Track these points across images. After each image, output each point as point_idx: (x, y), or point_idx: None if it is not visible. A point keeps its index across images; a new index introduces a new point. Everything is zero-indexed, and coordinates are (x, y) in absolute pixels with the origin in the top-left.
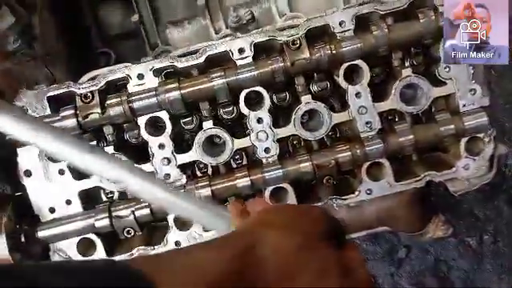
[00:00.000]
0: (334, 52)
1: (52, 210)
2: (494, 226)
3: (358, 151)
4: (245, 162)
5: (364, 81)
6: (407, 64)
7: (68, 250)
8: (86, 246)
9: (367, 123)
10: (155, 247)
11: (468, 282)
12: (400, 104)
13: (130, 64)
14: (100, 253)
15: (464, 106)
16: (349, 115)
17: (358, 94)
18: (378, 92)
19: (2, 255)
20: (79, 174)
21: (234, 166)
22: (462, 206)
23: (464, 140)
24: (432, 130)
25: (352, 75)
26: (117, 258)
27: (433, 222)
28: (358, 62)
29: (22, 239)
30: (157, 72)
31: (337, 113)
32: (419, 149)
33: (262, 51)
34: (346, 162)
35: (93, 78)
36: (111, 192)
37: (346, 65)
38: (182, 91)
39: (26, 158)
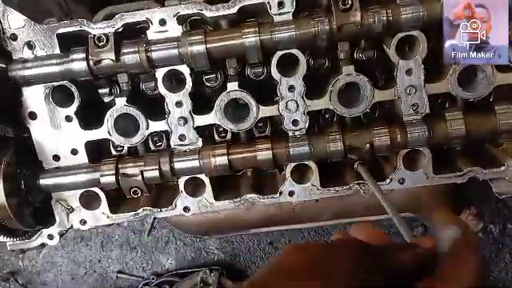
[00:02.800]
0: (390, 19)
1: (56, 158)
2: None
3: (399, 136)
4: (268, 133)
5: (419, 56)
6: None
7: (71, 201)
8: (89, 199)
9: (413, 105)
10: (162, 210)
11: (484, 270)
12: (456, 88)
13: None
14: (103, 208)
15: None
16: (394, 94)
17: (409, 71)
18: (429, 71)
19: None
20: (87, 124)
21: (257, 134)
22: (491, 188)
23: None
24: (489, 122)
25: (403, 48)
26: (121, 215)
27: (463, 215)
28: (416, 33)
29: (22, 185)
30: (181, 19)
31: (380, 89)
32: (469, 141)
33: (305, 7)
34: (382, 147)
35: (109, 17)
36: (120, 146)
37: (400, 35)
38: (208, 45)
39: (31, 99)
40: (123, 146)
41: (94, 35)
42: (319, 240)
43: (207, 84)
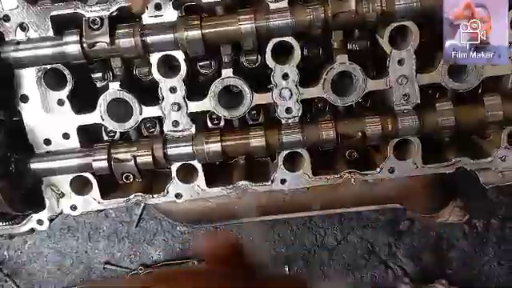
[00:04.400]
0: (384, 8)
1: (47, 142)
2: (504, 211)
3: (390, 126)
4: (261, 120)
5: (411, 46)
6: None
7: (61, 185)
8: (80, 184)
9: (405, 95)
10: (154, 196)
11: (466, 263)
12: (446, 79)
13: None
14: (95, 193)
15: None
16: (386, 84)
17: (401, 61)
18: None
19: None
20: (80, 108)
21: (250, 122)
22: (476, 183)
23: (509, 129)
24: (477, 113)
25: (396, 39)
26: (112, 201)
27: (449, 206)
28: (409, 23)
29: (12, 169)
30: (177, 4)
31: (372, 79)
32: (457, 132)
33: None
34: (374, 136)
35: (104, 0)
36: (112, 131)
37: (394, 25)
38: (204, 30)
39: (23, 81)
40: (115, 132)
41: (89, 18)
42: (307, 233)
43: (201, 71)
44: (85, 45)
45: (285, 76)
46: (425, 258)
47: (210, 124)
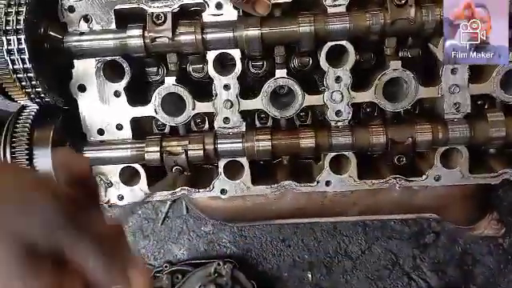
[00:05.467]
0: (442, 17)
1: (101, 132)
2: None
3: (440, 133)
4: (309, 122)
5: None
6: None
7: (110, 175)
8: (128, 175)
9: (455, 104)
10: (200, 190)
11: (491, 280)
12: (498, 90)
13: None
14: (142, 184)
15: None
16: (438, 92)
17: (454, 70)
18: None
19: (45, 168)
20: (135, 100)
21: (297, 123)
22: (506, 199)
23: None
24: None
25: None
26: (158, 193)
27: (486, 219)
28: None
29: None
30: None
31: (424, 86)
32: (506, 143)
33: (357, 2)
34: (423, 143)
35: None
36: (163, 125)
37: None
38: (263, 30)
39: (81, 71)
40: (165, 125)
41: (152, 13)
42: (332, 240)
43: (252, 70)
44: (147, 39)
45: (337, 79)
46: (449, 272)
47: (257, 123)
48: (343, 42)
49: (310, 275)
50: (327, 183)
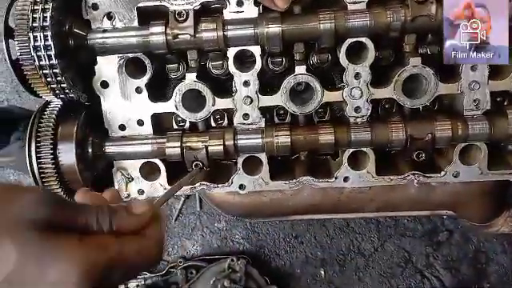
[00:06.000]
0: None
1: (122, 128)
2: None
3: (460, 130)
4: (327, 119)
5: None
6: None
7: (131, 170)
8: (148, 170)
9: (475, 101)
10: (219, 185)
11: (504, 278)
12: None
13: None
14: (162, 179)
15: None
16: (457, 88)
17: (474, 67)
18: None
19: (69, 162)
20: (156, 96)
21: (316, 119)
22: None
23: None
24: None
25: None
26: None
27: (503, 216)
28: None
29: (89, 151)
30: (257, 2)
31: (443, 83)
32: None
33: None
34: (442, 139)
35: None
36: (183, 121)
37: None
38: (284, 26)
39: (104, 68)
40: (185, 121)
41: (175, 10)
42: (344, 238)
43: (271, 67)
44: (169, 36)
45: (357, 75)
46: (462, 270)
47: (276, 119)
48: (363, 39)
49: (322, 272)
50: (345, 179)
